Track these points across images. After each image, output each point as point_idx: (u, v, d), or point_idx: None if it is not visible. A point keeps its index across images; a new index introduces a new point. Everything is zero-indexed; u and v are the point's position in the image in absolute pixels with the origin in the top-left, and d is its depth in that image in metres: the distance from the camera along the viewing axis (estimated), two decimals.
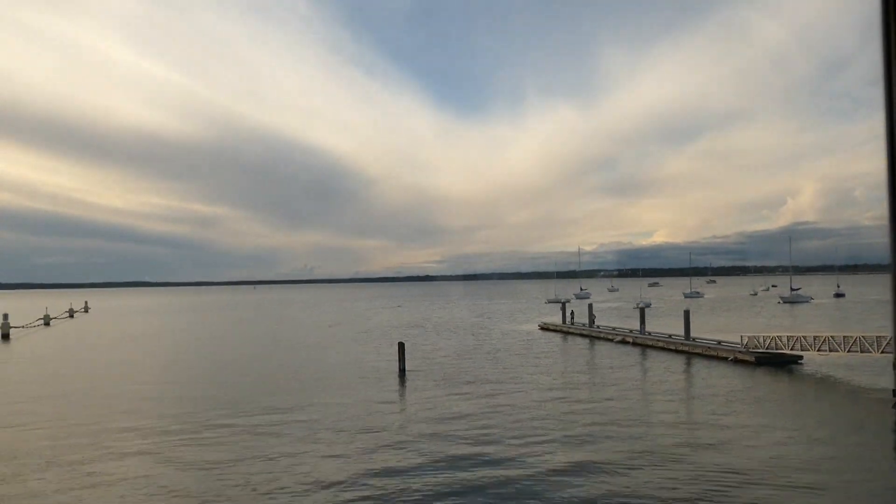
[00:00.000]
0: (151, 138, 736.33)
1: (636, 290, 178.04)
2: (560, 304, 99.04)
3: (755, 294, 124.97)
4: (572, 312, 55.39)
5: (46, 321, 76.28)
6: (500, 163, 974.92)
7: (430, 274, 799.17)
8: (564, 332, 51.53)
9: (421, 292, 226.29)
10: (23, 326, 66.82)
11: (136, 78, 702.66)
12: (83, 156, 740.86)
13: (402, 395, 26.24)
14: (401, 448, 17.56)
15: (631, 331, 45.38)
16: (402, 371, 31.80)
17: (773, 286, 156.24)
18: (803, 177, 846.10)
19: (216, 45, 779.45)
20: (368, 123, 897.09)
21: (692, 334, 39.41)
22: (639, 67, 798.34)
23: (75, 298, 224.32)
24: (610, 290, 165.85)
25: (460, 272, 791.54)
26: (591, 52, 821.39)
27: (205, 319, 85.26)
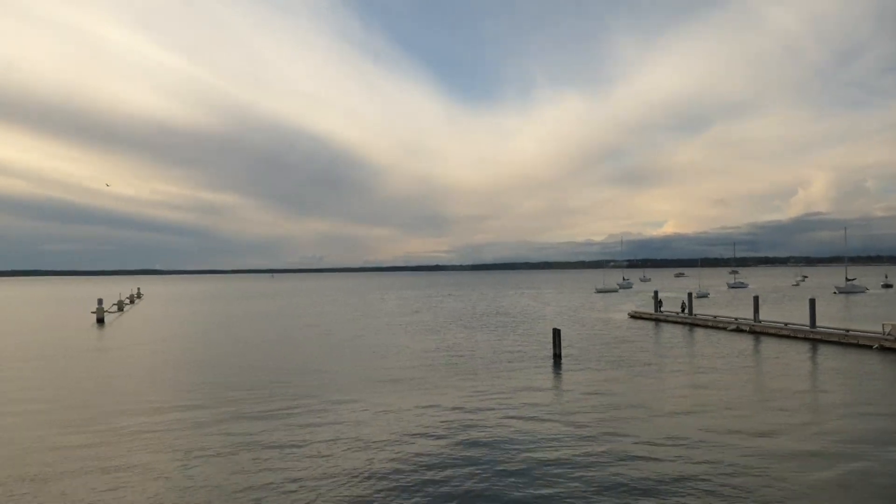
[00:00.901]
0: (160, 126, 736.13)
1: (664, 280, 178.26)
2: (613, 292, 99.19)
3: (797, 284, 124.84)
4: (660, 301, 55.51)
5: (120, 306, 77.15)
6: (508, 152, 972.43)
7: (440, 263, 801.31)
8: (660, 321, 51.60)
9: (442, 282, 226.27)
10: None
11: (145, 66, 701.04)
12: (92, 144, 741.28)
13: (589, 378, 26.26)
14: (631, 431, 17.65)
15: (736, 319, 45.45)
16: (557, 356, 31.92)
17: (804, 277, 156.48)
18: (815, 167, 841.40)
19: (225, 33, 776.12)
20: (376, 112, 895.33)
21: (780, 321, 39.72)
22: (649, 56, 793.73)
23: (99, 285, 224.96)
24: (642, 280, 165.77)
25: (468, 262, 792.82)
26: (601, 41, 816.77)
27: (277, 305, 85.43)
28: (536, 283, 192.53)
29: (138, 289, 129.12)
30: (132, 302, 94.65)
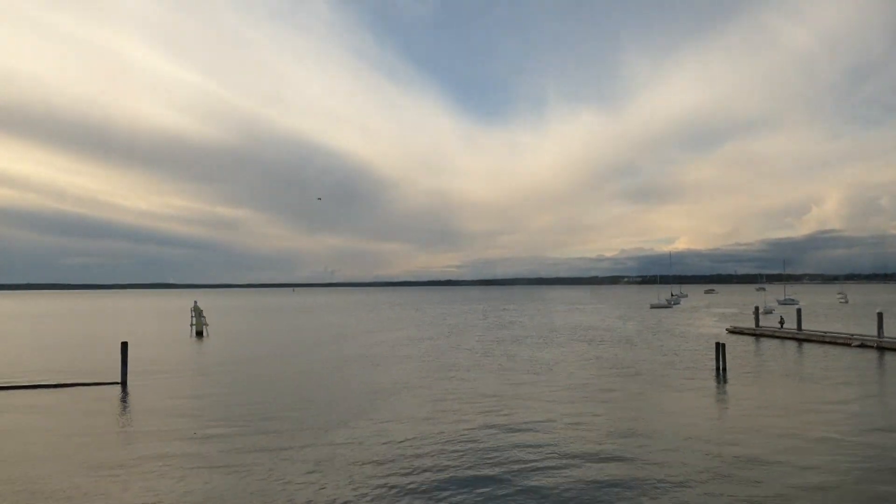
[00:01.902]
0: (176, 141, 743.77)
1: (695, 297, 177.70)
2: (666, 308, 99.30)
3: (846, 301, 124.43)
4: (759, 316, 55.78)
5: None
6: (522, 168, 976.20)
7: (451, 279, 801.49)
8: (765, 336, 51.81)
9: (466, 297, 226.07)
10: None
11: (162, 82, 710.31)
12: (109, 158, 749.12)
13: (778, 393, 26.64)
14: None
15: (852, 335, 45.71)
16: (721, 370, 32.37)
17: (838, 293, 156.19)
18: (828, 184, 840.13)
19: (241, 49, 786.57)
20: (390, 127, 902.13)
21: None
22: (662, 73, 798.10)
23: (94, 299, 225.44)
24: (675, 295, 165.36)
25: (480, 277, 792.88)
26: (614, 58, 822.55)
27: (342, 319, 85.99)
28: (559, 298, 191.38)
29: (196, 302, 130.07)
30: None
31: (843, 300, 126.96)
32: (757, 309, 56.95)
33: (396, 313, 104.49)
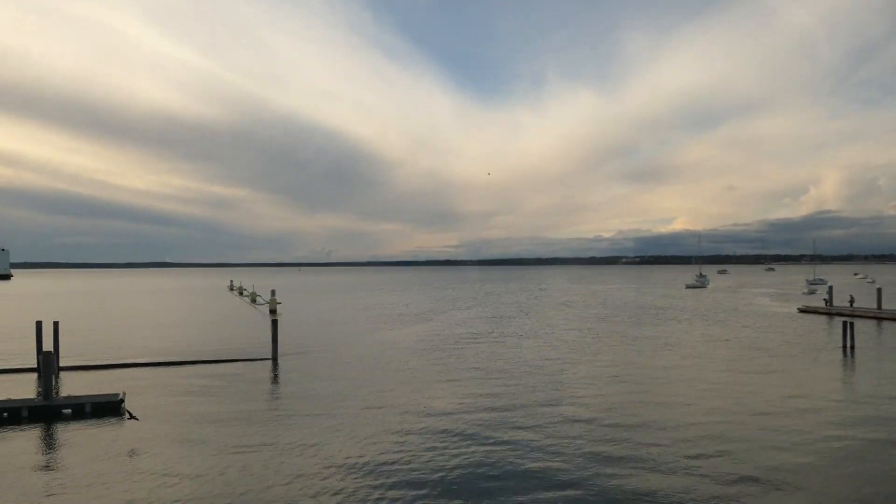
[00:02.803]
0: (172, 120, 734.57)
1: (710, 277, 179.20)
2: (701, 287, 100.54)
3: (872, 282, 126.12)
4: (829, 296, 56.82)
5: (253, 298, 78.63)
6: (520, 148, 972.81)
7: (450, 259, 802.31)
8: (843, 315, 52.85)
9: (474, 277, 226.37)
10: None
11: (158, 60, 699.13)
12: (105, 137, 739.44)
13: None
14: None
15: None
16: (850, 348, 33.26)
17: (855, 274, 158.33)
18: (826, 165, 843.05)
19: (238, 27, 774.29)
20: (388, 107, 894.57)
21: None
22: (661, 53, 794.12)
23: (107, 278, 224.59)
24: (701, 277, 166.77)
25: (477, 257, 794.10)
26: (614, 37, 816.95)
27: (403, 300, 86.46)
28: (576, 278, 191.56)
29: (231, 281, 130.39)
30: (241, 293, 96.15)
31: (870, 280, 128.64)
32: (831, 289, 58.03)
33: (437, 292, 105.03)
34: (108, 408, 20.49)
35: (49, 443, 17.13)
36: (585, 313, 58.52)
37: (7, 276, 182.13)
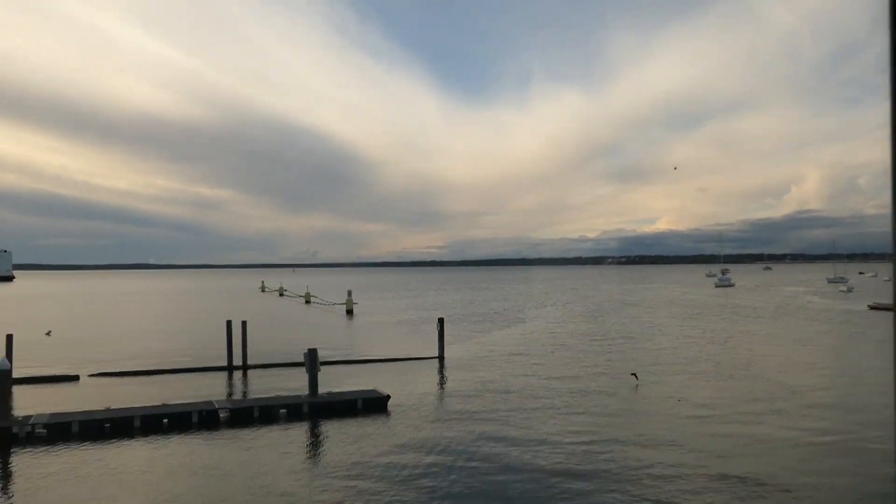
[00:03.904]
0: (156, 120, 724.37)
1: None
2: (730, 286, 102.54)
3: (888, 279, 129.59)
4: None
5: (308, 299, 78.73)
6: (505, 148, 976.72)
7: (435, 259, 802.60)
8: None
9: (470, 278, 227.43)
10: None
11: (142, 60, 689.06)
12: (88, 137, 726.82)
13: None
14: None
15: None
16: None
17: (860, 273, 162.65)
18: (808, 164, 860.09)
19: (222, 27, 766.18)
20: (373, 107, 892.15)
21: None
22: (646, 52, 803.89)
23: (99, 279, 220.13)
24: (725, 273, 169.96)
25: (462, 258, 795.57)
26: (599, 37, 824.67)
27: (465, 299, 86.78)
28: (579, 277, 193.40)
29: (262, 282, 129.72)
30: (281, 294, 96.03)
31: (886, 279, 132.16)
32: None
33: (476, 293, 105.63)
34: (378, 404, 20.89)
35: (357, 436, 17.64)
36: (668, 311, 59.61)
37: (10, 278, 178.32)
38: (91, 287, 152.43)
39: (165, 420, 18.92)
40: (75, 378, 27.17)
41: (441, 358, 31.49)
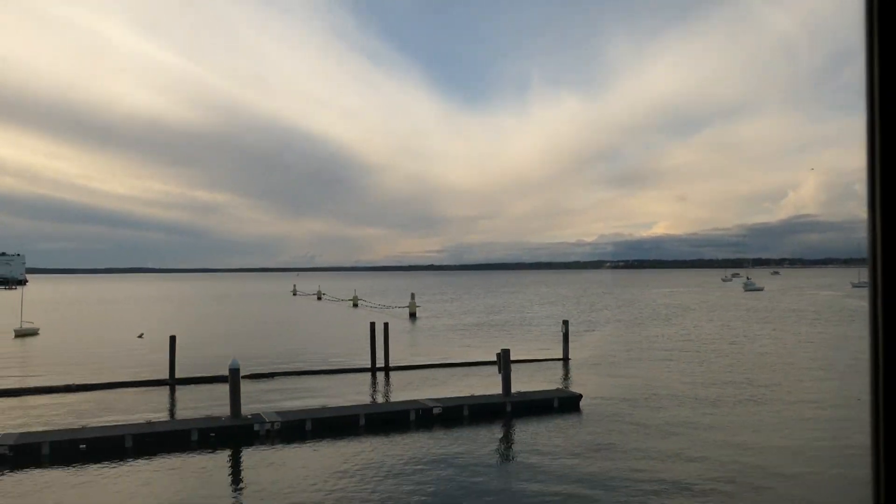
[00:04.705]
0: (154, 124, 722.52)
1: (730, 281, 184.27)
2: (760, 290, 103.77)
3: None
4: None
5: (355, 302, 79.26)
6: (503, 152, 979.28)
7: (433, 263, 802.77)
8: None
9: (483, 282, 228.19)
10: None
11: (141, 64, 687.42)
12: (86, 141, 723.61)
13: None
14: None
15: None
16: None
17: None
18: (805, 169, 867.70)
19: (221, 32, 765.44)
20: (372, 111, 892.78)
21: None
22: (645, 58, 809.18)
23: (104, 283, 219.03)
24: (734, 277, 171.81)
25: (460, 262, 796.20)
26: (597, 42, 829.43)
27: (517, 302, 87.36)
28: (593, 281, 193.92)
29: (294, 285, 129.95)
30: (320, 298, 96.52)
31: None
32: None
33: (508, 299, 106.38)
34: (571, 403, 21.57)
35: (571, 433, 18.43)
36: (730, 315, 60.51)
37: (23, 282, 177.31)
38: (108, 291, 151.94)
39: (380, 418, 19.55)
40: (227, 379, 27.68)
41: (566, 360, 32.19)
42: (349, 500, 13.73)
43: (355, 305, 79.02)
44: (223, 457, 17.14)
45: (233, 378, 19.15)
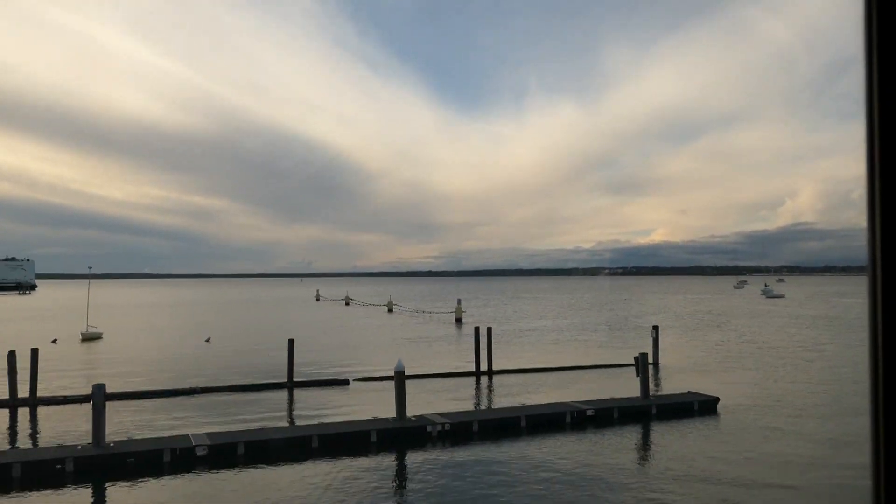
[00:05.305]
0: (152, 130, 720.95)
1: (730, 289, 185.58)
2: (779, 296, 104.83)
3: None
4: None
5: (390, 308, 79.48)
6: (501, 159, 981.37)
7: (431, 269, 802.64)
8: None
9: (486, 288, 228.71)
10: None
11: (139, 69, 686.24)
12: (83, 146, 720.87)
13: None
14: None
15: None
16: None
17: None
18: (803, 178, 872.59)
19: (219, 37, 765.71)
20: (370, 118, 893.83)
21: None
22: (642, 65, 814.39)
23: (111, 289, 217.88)
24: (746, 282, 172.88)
25: (458, 268, 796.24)
26: (595, 50, 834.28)
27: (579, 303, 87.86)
28: (601, 288, 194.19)
29: (318, 290, 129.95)
30: (348, 303, 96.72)
31: None
32: None
33: (540, 305, 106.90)
34: (709, 406, 22.08)
35: (719, 437, 18.93)
36: (775, 323, 61.27)
37: (33, 287, 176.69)
38: (121, 296, 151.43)
39: (539, 420, 20.04)
40: (345, 382, 28.11)
41: (656, 364, 32.70)
42: (532, 499, 14.14)
43: (390, 311, 79.32)
44: (407, 457, 17.52)
45: (398, 380, 19.55)
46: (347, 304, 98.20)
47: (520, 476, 15.67)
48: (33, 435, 20.26)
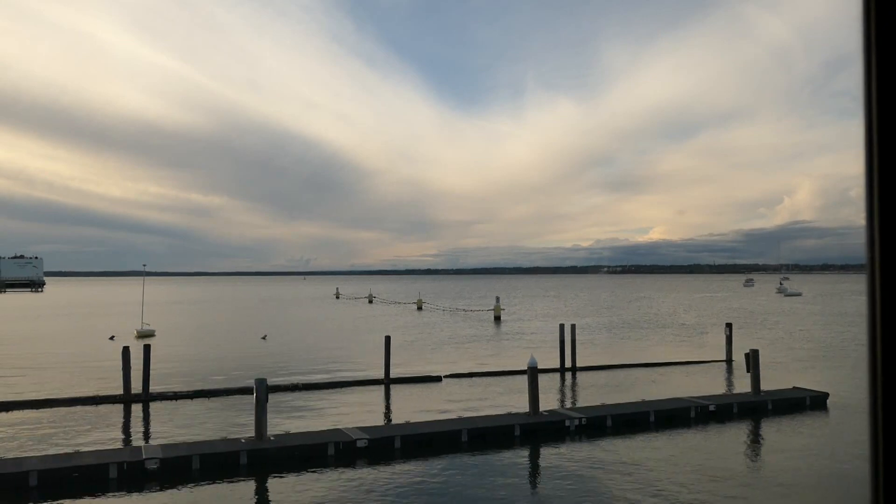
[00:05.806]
0: (150, 127, 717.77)
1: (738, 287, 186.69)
2: (798, 296, 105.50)
3: None
4: None
5: (420, 306, 79.87)
6: (499, 157, 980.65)
7: (430, 268, 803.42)
8: None
9: (485, 286, 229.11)
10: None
11: (136, 66, 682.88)
12: (81, 144, 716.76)
13: None
14: None
15: None
16: None
17: None
18: (801, 175, 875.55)
19: (217, 34, 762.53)
20: (368, 115, 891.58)
21: None
22: (640, 63, 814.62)
23: (117, 286, 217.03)
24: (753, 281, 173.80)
25: (456, 266, 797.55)
26: (593, 47, 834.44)
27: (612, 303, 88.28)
28: (608, 286, 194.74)
29: (337, 289, 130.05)
30: (371, 301, 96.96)
31: None
32: None
33: (568, 303, 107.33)
34: (820, 402, 22.54)
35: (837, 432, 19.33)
36: (824, 321, 61.87)
37: (41, 284, 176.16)
38: (128, 294, 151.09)
39: (666, 415, 20.40)
40: (438, 379, 28.49)
41: (729, 361, 33.22)
42: (669, 494, 14.55)
43: (420, 309, 79.62)
44: (550, 451, 17.89)
45: (531, 375, 19.92)
46: (371, 301, 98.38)
47: (662, 470, 16.05)
48: (166, 430, 20.48)
